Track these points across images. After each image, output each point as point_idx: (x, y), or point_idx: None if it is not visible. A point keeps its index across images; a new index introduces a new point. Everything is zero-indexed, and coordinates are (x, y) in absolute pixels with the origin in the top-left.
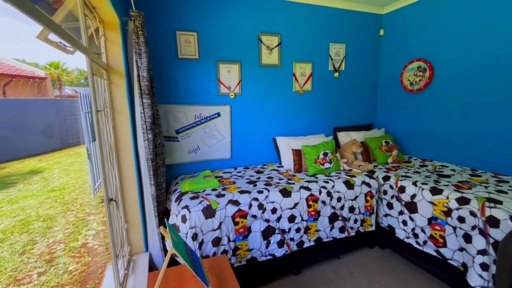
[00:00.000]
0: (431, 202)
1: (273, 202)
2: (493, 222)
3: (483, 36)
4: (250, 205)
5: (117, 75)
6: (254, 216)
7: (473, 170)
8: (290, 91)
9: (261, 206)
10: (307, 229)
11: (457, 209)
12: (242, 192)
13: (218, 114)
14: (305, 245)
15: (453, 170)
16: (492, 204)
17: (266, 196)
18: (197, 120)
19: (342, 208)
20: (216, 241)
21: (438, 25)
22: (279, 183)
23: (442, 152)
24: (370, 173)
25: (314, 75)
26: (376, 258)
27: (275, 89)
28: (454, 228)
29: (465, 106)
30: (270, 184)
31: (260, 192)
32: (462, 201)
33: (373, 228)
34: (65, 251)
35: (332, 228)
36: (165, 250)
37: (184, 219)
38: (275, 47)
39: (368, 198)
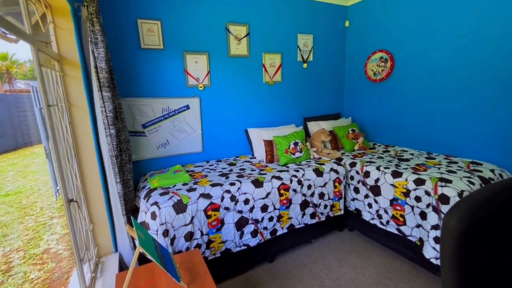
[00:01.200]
0: (392, 185)
1: (245, 193)
2: (444, 199)
3: (437, 29)
4: (223, 198)
5: (71, 66)
6: (227, 208)
7: (428, 153)
8: (261, 82)
9: (233, 198)
10: (279, 218)
11: (414, 189)
12: (214, 185)
13: (187, 107)
14: (279, 233)
15: (412, 154)
16: (443, 183)
17: (239, 188)
18: (165, 114)
19: (312, 195)
20: (189, 236)
21: (397, 18)
22: (251, 174)
23: (402, 138)
24: (338, 160)
25: (283, 66)
26: (345, 240)
27: (245, 80)
28: (412, 207)
29: (421, 95)
30: (242, 176)
31: (232, 184)
32: (419, 182)
33: (342, 212)
34: (25, 259)
35: (303, 214)
36: (135, 249)
37: (154, 216)
38: (244, 37)
39: (337, 184)
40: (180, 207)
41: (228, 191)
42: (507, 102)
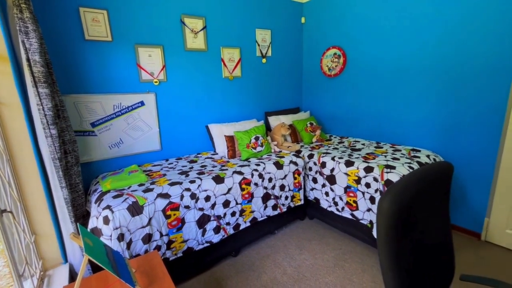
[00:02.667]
0: (346, 173)
1: (206, 190)
2: (389, 184)
3: (383, 30)
4: (182, 196)
5: None
6: (187, 207)
7: (377, 143)
8: (220, 77)
9: (193, 196)
10: (242, 212)
11: (365, 176)
12: (172, 184)
13: (142, 103)
14: (242, 227)
15: (363, 144)
16: (388, 170)
17: (199, 185)
18: (117, 111)
19: (273, 187)
20: (147, 238)
21: (348, 17)
22: (212, 170)
23: (355, 129)
24: (298, 153)
25: (242, 60)
26: (306, 228)
27: (204, 75)
28: (363, 193)
29: (370, 89)
30: (203, 173)
31: (192, 182)
32: (368, 170)
33: (302, 202)
34: None
35: (265, 207)
36: None
37: (106, 221)
38: (200, 30)
39: (296, 175)
40: (135, 209)
41: (188, 189)
42: (439, 96)
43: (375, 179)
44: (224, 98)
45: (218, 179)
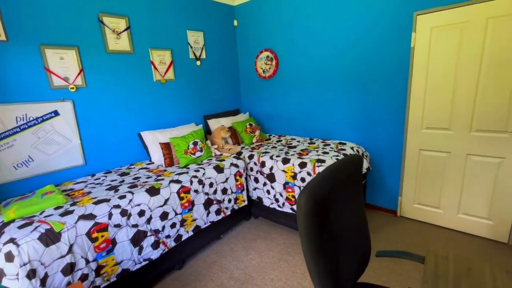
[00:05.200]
0: (283, 170)
1: (139, 205)
2: None
3: (308, 35)
4: (110, 215)
5: None
6: (118, 226)
7: (310, 139)
8: (151, 81)
9: (124, 213)
10: (183, 222)
11: (299, 172)
12: (98, 202)
13: (56, 113)
14: (184, 238)
15: (298, 141)
16: (319, 164)
17: (130, 200)
18: (22, 124)
19: (215, 192)
20: (68, 269)
21: (277, 21)
22: (146, 182)
23: (291, 127)
24: (239, 154)
25: (175, 63)
26: (252, 228)
27: (132, 79)
28: (299, 188)
29: (302, 89)
30: (135, 186)
31: (122, 197)
32: (302, 165)
33: (246, 202)
34: None
35: (208, 213)
36: None
37: (9, 257)
38: (123, 31)
39: (238, 177)
40: (50, 238)
41: (117, 206)
42: (356, 95)
43: (309, 174)
44: (157, 103)
45: (153, 191)
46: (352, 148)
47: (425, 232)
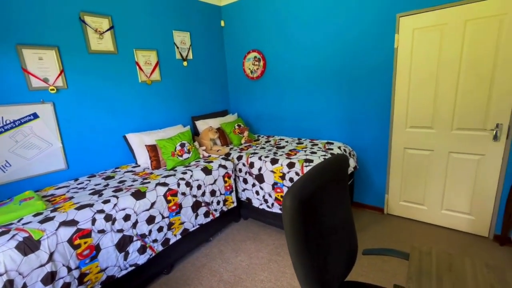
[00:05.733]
0: (272, 171)
1: (124, 209)
2: None
3: (296, 36)
4: (94, 220)
5: None
6: (102, 231)
7: (299, 139)
8: (136, 82)
9: (109, 218)
10: (170, 225)
11: (288, 172)
12: (81, 207)
13: (35, 115)
14: (172, 241)
15: (287, 141)
16: (307, 164)
17: (115, 204)
18: None
19: (203, 194)
20: (49, 278)
21: (265, 22)
22: (132, 185)
23: (280, 128)
24: (227, 156)
25: (161, 64)
26: (241, 229)
27: (116, 80)
28: (288, 188)
29: (290, 90)
30: (120, 190)
31: (106, 201)
32: (290, 165)
33: (235, 204)
34: None
35: (196, 216)
36: None
37: None
38: (106, 31)
39: (226, 178)
40: (29, 246)
41: (101, 211)
42: (342, 96)
43: (297, 174)
44: (143, 105)
45: (139, 195)
46: (339, 147)
47: (411, 228)
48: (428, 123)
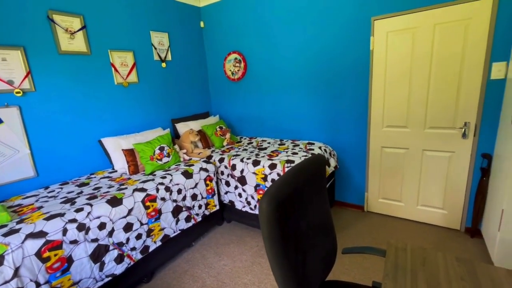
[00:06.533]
0: (254, 173)
1: (99, 217)
2: None
3: (276, 39)
4: (65, 231)
5: None
6: (74, 242)
7: (281, 140)
8: (112, 84)
9: (82, 227)
10: (149, 232)
11: (270, 173)
12: (50, 217)
13: None
14: (151, 249)
15: (269, 143)
16: (288, 164)
17: (89, 213)
18: None
19: (184, 198)
20: None
21: (245, 23)
22: (108, 192)
23: (262, 129)
24: (209, 158)
25: (138, 65)
26: (224, 232)
27: (90, 82)
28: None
29: (271, 91)
30: (95, 197)
31: (79, 210)
32: (272, 167)
33: (217, 207)
34: None
35: (177, 221)
36: None
37: None
38: (78, 31)
39: (208, 182)
40: None
41: (73, 221)
42: (322, 97)
43: (279, 175)
44: (119, 108)
45: (115, 201)
46: (320, 147)
47: (390, 225)
48: (403, 122)
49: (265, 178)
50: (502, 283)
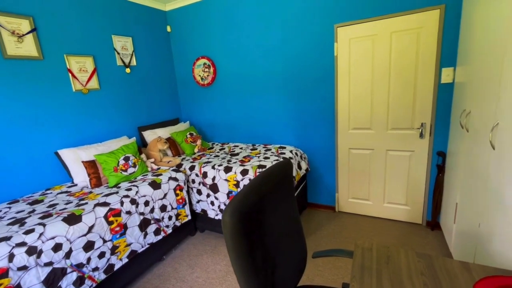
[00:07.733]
0: (226, 179)
1: (53, 238)
2: None
3: (245, 44)
4: (12, 256)
5: None
6: (23, 268)
7: (253, 145)
8: (69, 91)
9: (33, 251)
10: (114, 249)
11: (242, 179)
12: None
13: None
14: (117, 267)
15: (241, 148)
16: (260, 170)
17: (41, 234)
18: None
19: (152, 211)
20: None
21: (212, 26)
22: (64, 209)
23: (234, 134)
24: (179, 167)
25: (99, 71)
26: (197, 243)
27: (44, 89)
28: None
29: (242, 96)
30: (50, 215)
31: (29, 232)
32: (244, 172)
33: (189, 217)
34: None
35: (145, 235)
36: None
37: None
38: (27, 33)
39: (178, 191)
40: None
41: (22, 244)
42: (291, 102)
43: (250, 180)
44: (79, 116)
45: (73, 219)
46: (291, 151)
47: (359, 223)
48: (367, 124)
49: (237, 185)
50: (456, 274)
